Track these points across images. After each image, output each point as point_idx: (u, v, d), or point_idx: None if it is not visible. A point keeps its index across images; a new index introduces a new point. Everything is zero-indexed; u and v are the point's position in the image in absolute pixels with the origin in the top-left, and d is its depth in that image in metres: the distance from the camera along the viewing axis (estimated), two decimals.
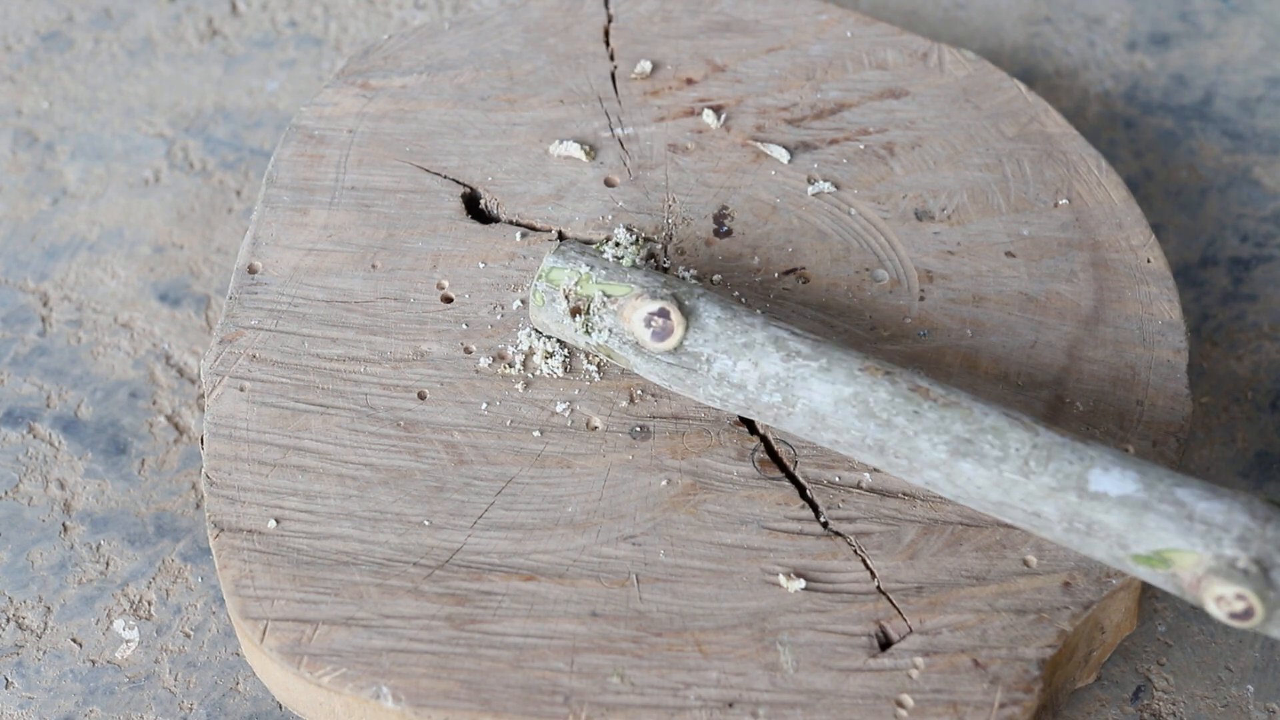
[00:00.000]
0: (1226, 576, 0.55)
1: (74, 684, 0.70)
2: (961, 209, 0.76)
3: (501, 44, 0.84)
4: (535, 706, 0.58)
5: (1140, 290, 0.72)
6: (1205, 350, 0.84)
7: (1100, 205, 0.76)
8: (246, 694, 0.69)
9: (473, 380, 0.68)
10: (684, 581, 0.62)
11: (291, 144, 0.79)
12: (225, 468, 0.65)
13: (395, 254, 0.73)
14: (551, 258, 0.66)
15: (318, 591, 0.61)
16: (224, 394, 0.68)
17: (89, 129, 0.97)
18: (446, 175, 0.77)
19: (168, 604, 0.73)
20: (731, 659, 0.59)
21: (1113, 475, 0.57)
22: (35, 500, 0.77)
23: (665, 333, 0.63)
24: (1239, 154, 0.95)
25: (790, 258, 0.74)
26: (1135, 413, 0.68)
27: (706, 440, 0.66)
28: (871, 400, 0.60)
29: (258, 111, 0.98)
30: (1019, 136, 0.79)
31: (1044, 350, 0.70)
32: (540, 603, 0.61)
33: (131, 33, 1.04)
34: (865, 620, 0.61)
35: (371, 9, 1.06)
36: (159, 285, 0.87)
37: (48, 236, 0.90)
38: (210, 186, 0.93)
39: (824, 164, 0.78)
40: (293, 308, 0.71)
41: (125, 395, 0.81)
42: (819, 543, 0.63)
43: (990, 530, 0.63)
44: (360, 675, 0.59)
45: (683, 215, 0.75)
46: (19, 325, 0.85)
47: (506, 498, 0.64)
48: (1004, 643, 0.60)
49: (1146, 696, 0.69)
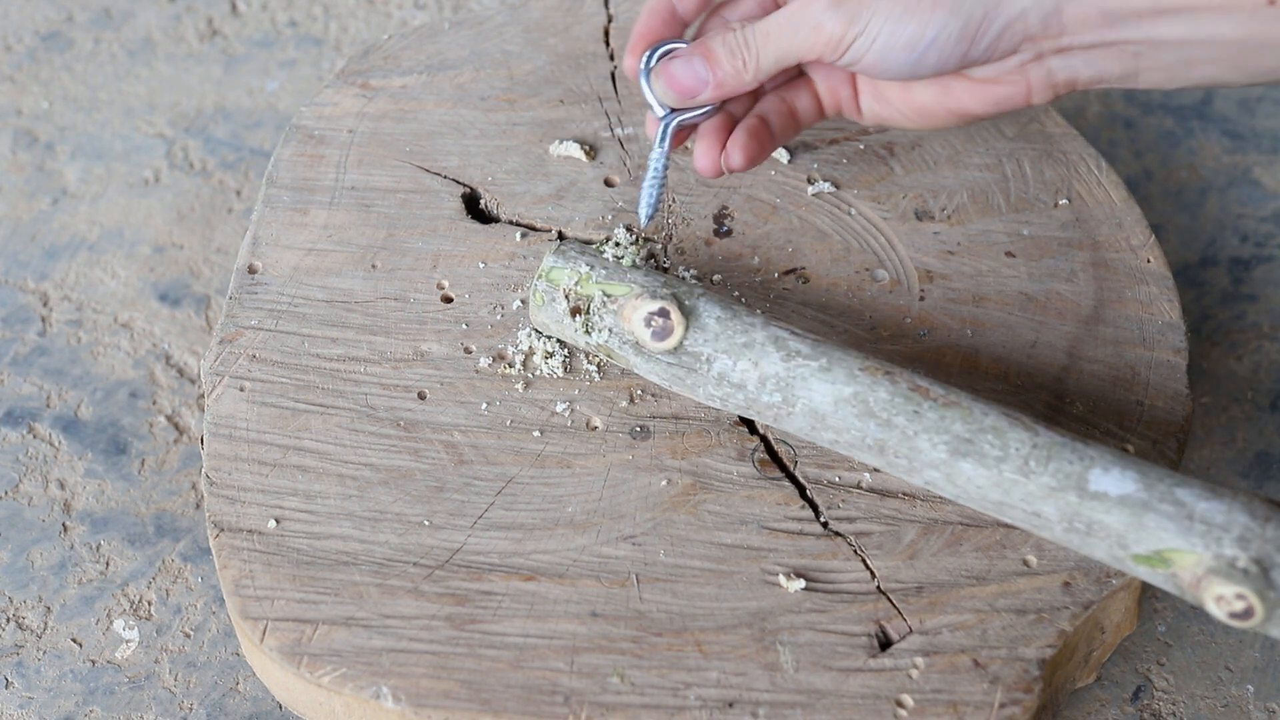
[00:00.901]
0: (1226, 576, 0.55)
1: (74, 684, 0.70)
2: (961, 209, 0.76)
3: (501, 44, 0.84)
4: (535, 706, 0.58)
5: (1140, 290, 0.72)
6: (1205, 350, 0.84)
7: (1100, 205, 0.76)
8: (246, 694, 0.69)
9: (473, 380, 0.68)
10: (684, 581, 0.62)
11: (291, 144, 0.79)
12: (225, 468, 0.65)
13: (395, 254, 0.73)
14: (551, 257, 0.66)
15: (318, 591, 0.61)
16: (224, 394, 0.68)
17: (89, 129, 0.97)
18: (446, 175, 0.77)
19: (168, 604, 0.73)
20: (731, 659, 0.59)
21: (1113, 475, 0.57)
22: (35, 500, 0.77)
23: (665, 332, 0.63)
24: (1239, 154, 0.95)
25: (790, 258, 0.74)
26: (1135, 413, 0.68)
27: (706, 440, 0.66)
28: (871, 400, 0.60)
29: (258, 111, 0.98)
30: (1019, 136, 0.79)
31: (1044, 350, 0.70)
32: (540, 603, 0.61)
33: (131, 33, 1.04)
34: (865, 620, 0.61)
35: (371, 9, 1.06)
36: (159, 285, 0.87)
37: (48, 236, 0.90)
38: (210, 186, 0.93)
39: (824, 164, 0.78)
40: (293, 308, 0.71)
41: (125, 395, 0.81)
42: (819, 543, 0.63)
43: (990, 530, 0.63)
44: (360, 675, 0.59)
45: (683, 215, 0.75)
46: (19, 325, 0.85)
47: (506, 498, 0.64)
48: (1004, 643, 0.60)
49: (1146, 696, 0.69)
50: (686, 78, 0.65)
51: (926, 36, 0.60)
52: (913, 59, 0.61)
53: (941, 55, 0.61)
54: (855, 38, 0.61)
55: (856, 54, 0.62)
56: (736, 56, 0.64)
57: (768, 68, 0.64)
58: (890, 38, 0.61)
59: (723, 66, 0.64)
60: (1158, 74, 0.61)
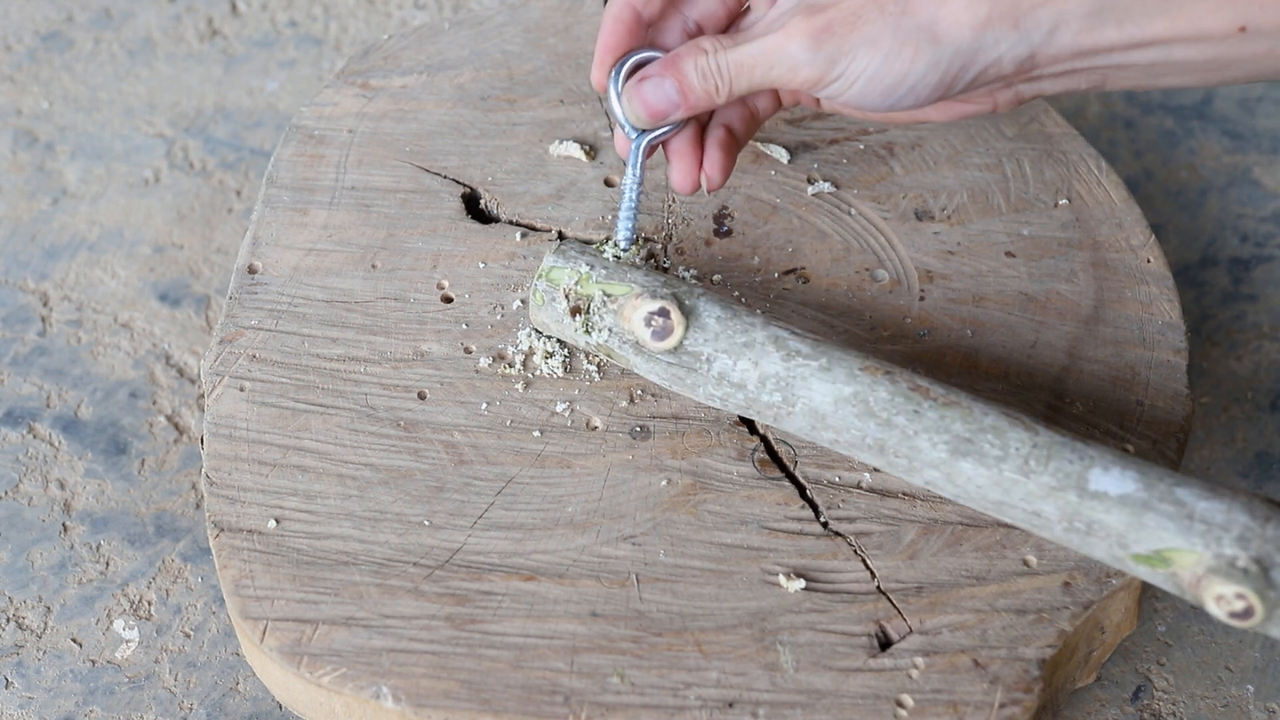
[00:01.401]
0: (1226, 576, 0.55)
1: (74, 684, 0.70)
2: (961, 209, 0.76)
3: (501, 44, 0.84)
4: (535, 706, 0.58)
5: (1140, 290, 0.72)
6: (1205, 350, 0.84)
7: (1100, 205, 0.76)
8: (246, 694, 0.69)
9: (473, 380, 0.68)
10: (684, 581, 0.62)
11: (291, 144, 0.79)
12: (225, 468, 0.65)
13: (395, 254, 0.73)
14: (551, 257, 0.66)
15: (318, 591, 0.61)
16: (224, 394, 0.68)
17: (89, 129, 0.97)
18: (446, 175, 0.77)
19: (168, 604, 0.73)
20: (731, 659, 0.59)
21: (1113, 475, 0.57)
22: (35, 500, 0.77)
23: (665, 332, 0.63)
24: (1239, 154, 0.95)
25: (790, 258, 0.74)
26: (1135, 413, 0.68)
27: (706, 440, 0.66)
28: (871, 400, 0.60)
29: (258, 111, 0.98)
30: (1019, 136, 0.79)
31: (1044, 350, 0.70)
32: (540, 603, 0.61)
33: (131, 33, 1.04)
34: (865, 620, 0.61)
35: (371, 9, 1.06)
36: (159, 285, 0.87)
37: (48, 236, 0.90)
38: (210, 186, 0.93)
39: (824, 164, 0.78)
40: (293, 308, 0.71)
41: (125, 395, 0.81)
42: (819, 543, 0.63)
43: (990, 530, 0.63)
44: (360, 675, 0.58)
45: (683, 215, 0.75)
46: (19, 325, 0.85)
47: (506, 498, 0.64)
48: (1004, 643, 0.60)
49: (1146, 696, 0.69)
50: (659, 101, 0.65)
51: (904, 84, 0.61)
52: (889, 101, 0.62)
53: (917, 99, 0.62)
54: (833, 80, 0.61)
55: (833, 93, 0.62)
56: (709, 81, 0.63)
57: (739, 93, 0.64)
58: (868, 83, 0.61)
59: (695, 91, 0.64)
60: (1125, 84, 0.62)
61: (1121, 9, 0.58)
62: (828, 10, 0.60)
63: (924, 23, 0.59)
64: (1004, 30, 0.59)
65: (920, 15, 0.59)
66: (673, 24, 0.67)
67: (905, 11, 0.59)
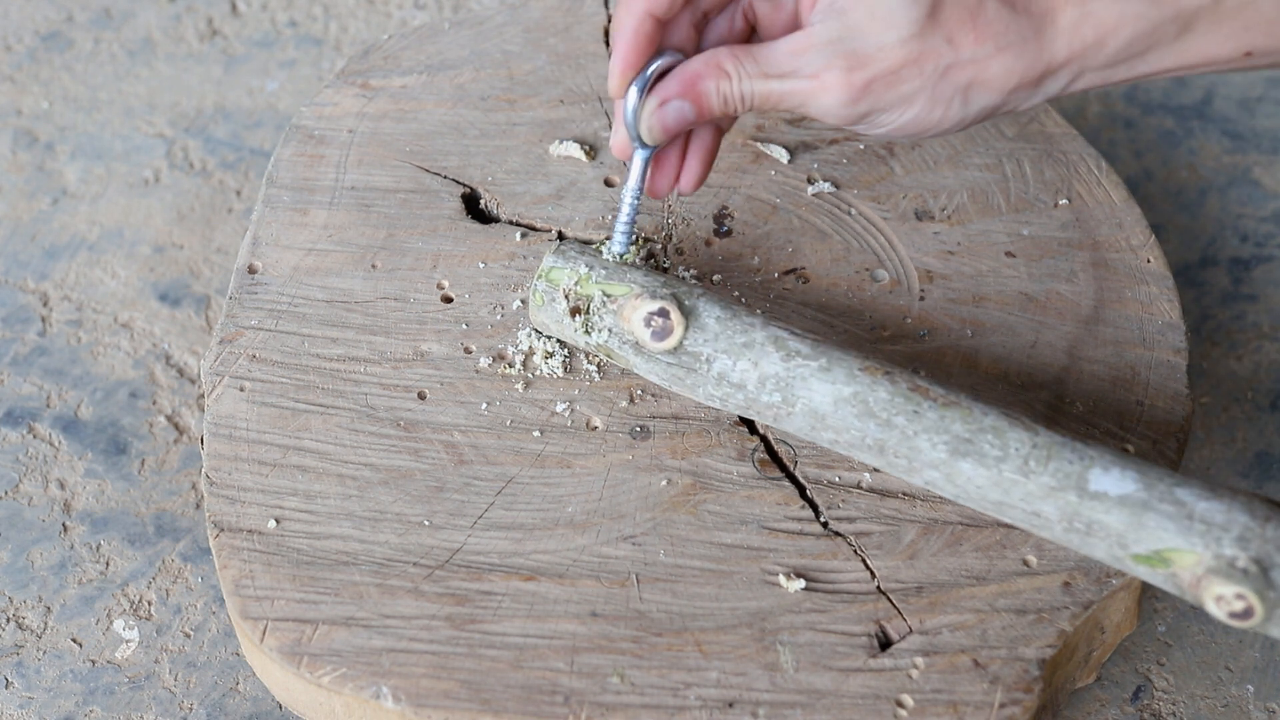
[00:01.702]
0: (1226, 576, 0.55)
1: (74, 684, 0.70)
2: (961, 209, 0.76)
3: (501, 44, 0.84)
4: (535, 706, 0.58)
5: (1140, 290, 0.72)
6: (1205, 350, 0.84)
7: (1100, 205, 0.76)
8: (246, 694, 0.69)
9: (473, 380, 0.68)
10: (684, 581, 0.62)
11: (291, 144, 0.79)
12: (225, 468, 0.65)
13: (395, 254, 0.73)
14: (551, 257, 0.66)
15: (318, 591, 0.61)
16: (224, 394, 0.68)
17: (89, 129, 0.97)
18: (446, 175, 0.77)
19: (168, 604, 0.73)
20: (731, 659, 0.59)
21: (1113, 475, 0.57)
22: (35, 500, 0.77)
23: (665, 332, 0.63)
24: (1239, 154, 0.95)
25: (790, 258, 0.74)
26: (1135, 413, 0.68)
27: (706, 440, 0.66)
28: (871, 400, 0.60)
29: (258, 111, 0.98)
30: (1019, 136, 0.79)
31: (1044, 350, 0.70)
32: (540, 603, 0.61)
33: (131, 33, 1.04)
34: (865, 620, 0.61)
35: (371, 9, 1.06)
36: (159, 285, 0.87)
37: (48, 236, 0.90)
38: (210, 186, 0.93)
39: (824, 164, 0.78)
40: (293, 308, 0.71)
41: (125, 395, 0.81)
42: (819, 543, 0.63)
43: (990, 530, 0.63)
44: (360, 675, 0.58)
45: (682, 215, 0.75)
46: (19, 325, 0.85)
47: (506, 498, 0.64)
48: (1004, 643, 0.60)
49: (1146, 696, 0.69)
50: (678, 124, 0.64)
51: (927, 134, 0.63)
52: (905, 141, 0.63)
53: (936, 140, 0.63)
54: (858, 126, 0.63)
55: (858, 131, 0.64)
56: (730, 105, 0.63)
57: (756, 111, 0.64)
58: (893, 131, 0.62)
59: (713, 113, 0.64)
60: None
61: (1136, 55, 0.59)
62: (869, 67, 0.60)
63: (960, 85, 0.60)
64: (1028, 91, 0.61)
65: (958, 79, 0.60)
66: (683, 17, 0.67)
67: (945, 75, 0.60)
